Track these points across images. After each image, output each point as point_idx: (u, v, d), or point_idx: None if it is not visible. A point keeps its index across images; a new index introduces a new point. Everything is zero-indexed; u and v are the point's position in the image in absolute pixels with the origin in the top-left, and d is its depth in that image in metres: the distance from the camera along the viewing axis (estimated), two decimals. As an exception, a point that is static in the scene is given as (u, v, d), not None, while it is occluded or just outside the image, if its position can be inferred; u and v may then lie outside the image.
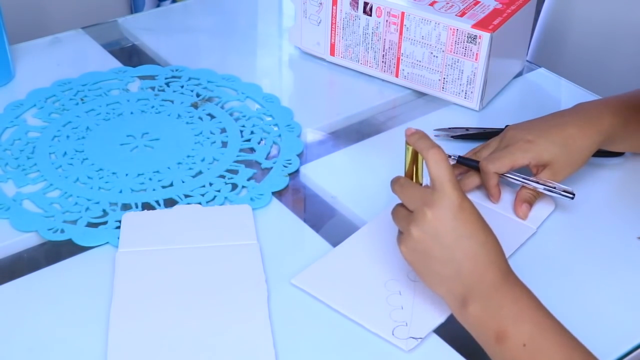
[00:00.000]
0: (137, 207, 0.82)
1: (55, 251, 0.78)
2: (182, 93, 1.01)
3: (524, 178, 0.82)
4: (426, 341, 0.69)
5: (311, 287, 0.73)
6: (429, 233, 0.65)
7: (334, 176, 0.89)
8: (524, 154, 0.81)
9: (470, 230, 0.65)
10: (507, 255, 0.77)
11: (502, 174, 0.82)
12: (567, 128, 0.82)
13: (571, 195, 0.81)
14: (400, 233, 0.69)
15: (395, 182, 0.70)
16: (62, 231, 0.79)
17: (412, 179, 0.70)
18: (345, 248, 0.77)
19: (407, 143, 0.69)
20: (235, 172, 0.88)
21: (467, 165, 0.84)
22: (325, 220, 0.84)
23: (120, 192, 0.84)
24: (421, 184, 0.70)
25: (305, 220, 0.82)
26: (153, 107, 0.98)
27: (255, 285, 0.73)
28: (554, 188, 0.81)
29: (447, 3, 0.98)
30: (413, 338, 0.68)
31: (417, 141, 0.68)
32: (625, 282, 0.77)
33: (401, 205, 0.70)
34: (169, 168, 0.88)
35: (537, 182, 0.81)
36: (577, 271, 0.77)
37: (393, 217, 0.70)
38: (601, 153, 0.91)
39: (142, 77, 1.04)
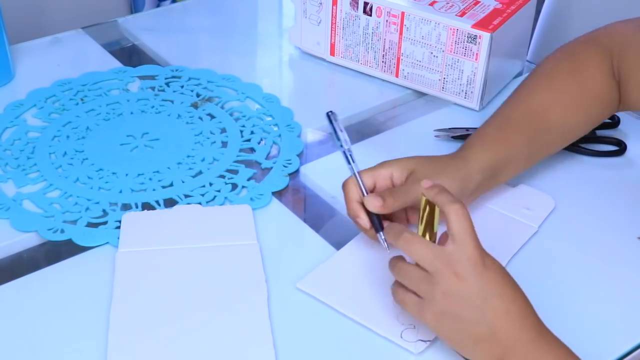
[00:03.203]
0: (137, 207, 0.82)
1: (55, 251, 0.78)
2: (182, 93, 1.01)
3: None
4: (435, 344, 0.68)
5: (316, 290, 0.73)
6: (457, 295, 0.62)
7: (334, 176, 0.89)
8: (382, 167, 0.75)
9: (498, 289, 0.62)
10: (510, 255, 0.77)
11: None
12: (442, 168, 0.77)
13: None
14: (416, 297, 0.65)
15: (399, 237, 0.65)
16: (62, 231, 0.79)
17: (424, 230, 0.66)
18: (348, 251, 0.77)
19: (422, 195, 0.66)
20: (235, 172, 0.88)
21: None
22: (325, 221, 0.84)
23: (120, 192, 0.84)
24: (433, 241, 0.66)
25: (305, 221, 0.82)
26: (153, 107, 0.98)
27: (255, 286, 0.73)
28: None
29: (447, 3, 0.98)
30: (422, 341, 0.68)
31: (435, 195, 0.64)
32: (625, 282, 0.76)
33: (405, 262, 0.66)
34: (169, 168, 0.88)
35: None
36: (577, 271, 0.77)
37: (401, 278, 0.65)
38: (601, 153, 0.91)
39: (142, 77, 1.04)
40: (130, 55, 1.12)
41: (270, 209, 0.83)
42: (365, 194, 0.73)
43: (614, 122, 0.95)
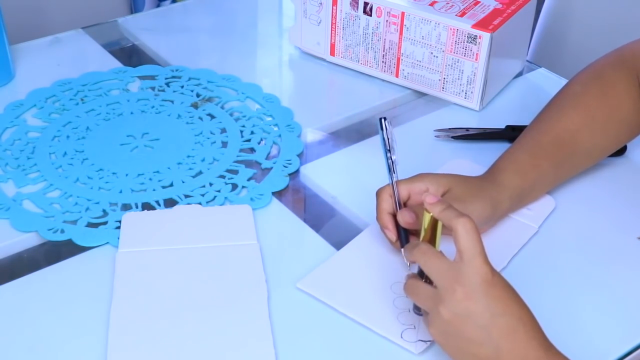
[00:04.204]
0: (137, 207, 0.82)
1: (55, 251, 0.78)
2: (182, 93, 1.01)
3: None
4: (435, 344, 0.68)
5: (317, 290, 0.73)
6: (461, 314, 0.61)
7: (334, 176, 0.89)
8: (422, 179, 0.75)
9: (503, 307, 0.61)
10: (511, 255, 0.77)
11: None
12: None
13: None
14: (425, 312, 0.65)
15: (415, 248, 0.65)
16: (62, 231, 0.79)
17: None
18: (349, 251, 0.77)
19: (425, 210, 0.65)
20: (235, 172, 0.88)
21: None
22: (325, 221, 0.84)
23: (120, 192, 0.84)
24: None
25: (305, 221, 0.82)
26: (153, 107, 0.98)
27: (255, 286, 0.73)
28: None
29: (447, 3, 0.98)
30: (422, 341, 0.68)
31: (441, 212, 0.64)
32: (625, 282, 0.76)
33: (417, 278, 0.66)
34: (169, 168, 0.88)
35: None
36: (577, 271, 0.77)
37: (410, 294, 0.65)
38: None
39: (142, 77, 1.04)
40: (130, 55, 1.12)
41: (270, 209, 0.83)
42: (399, 207, 0.73)
43: (614, 122, 0.95)
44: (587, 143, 0.83)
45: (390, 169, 0.74)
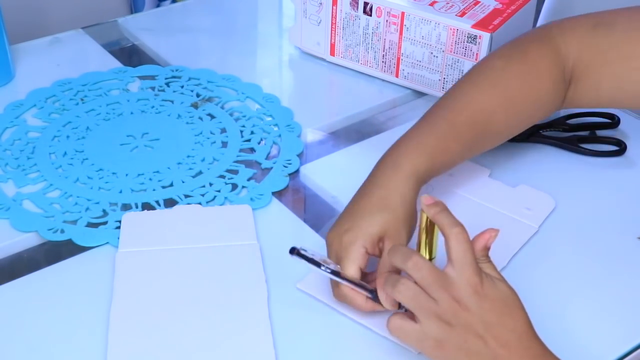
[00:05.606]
0: (137, 207, 0.82)
1: (55, 251, 0.78)
2: (182, 93, 1.01)
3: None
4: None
5: (317, 291, 0.73)
6: (461, 324, 0.61)
7: (334, 176, 0.89)
8: (353, 250, 0.69)
9: (497, 317, 0.61)
10: (510, 255, 0.77)
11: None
12: (373, 195, 0.72)
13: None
14: (416, 324, 0.63)
15: (407, 259, 0.62)
16: (62, 231, 0.79)
17: (422, 246, 0.66)
18: None
19: (422, 211, 0.65)
20: (235, 172, 0.88)
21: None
22: (325, 221, 0.84)
23: (120, 192, 0.84)
24: (432, 258, 0.66)
25: (305, 221, 0.82)
26: (153, 107, 0.98)
27: (255, 286, 0.73)
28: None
29: (447, 3, 0.98)
30: None
31: (436, 215, 0.63)
32: (625, 282, 0.76)
33: (409, 279, 0.63)
34: (169, 168, 0.88)
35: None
36: (577, 271, 0.77)
37: (405, 299, 0.63)
38: (601, 153, 0.91)
39: (142, 77, 1.04)
40: (130, 55, 1.12)
41: (270, 209, 0.83)
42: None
43: (614, 122, 0.95)
44: (500, 124, 0.80)
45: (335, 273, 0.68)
